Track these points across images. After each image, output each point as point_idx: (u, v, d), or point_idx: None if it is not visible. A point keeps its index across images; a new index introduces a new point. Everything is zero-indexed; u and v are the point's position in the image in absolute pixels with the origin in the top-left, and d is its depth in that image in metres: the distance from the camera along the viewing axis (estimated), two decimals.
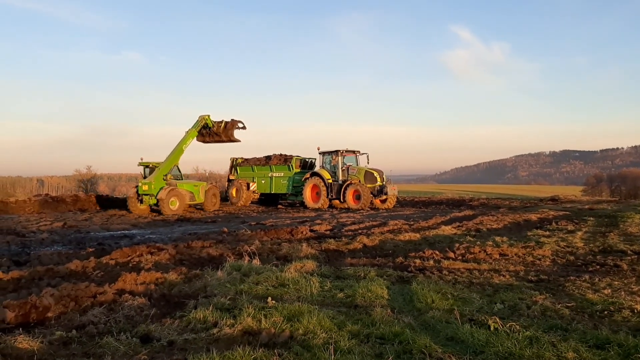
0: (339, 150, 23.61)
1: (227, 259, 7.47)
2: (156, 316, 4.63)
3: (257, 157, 27.08)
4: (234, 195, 26.20)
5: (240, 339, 3.93)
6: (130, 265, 7.42)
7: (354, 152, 24.13)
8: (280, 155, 26.14)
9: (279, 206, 25.70)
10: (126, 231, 13.53)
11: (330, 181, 23.26)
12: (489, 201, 28.45)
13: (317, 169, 24.79)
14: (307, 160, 26.14)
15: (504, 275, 6.63)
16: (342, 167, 23.42)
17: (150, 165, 21.38)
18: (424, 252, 8.51)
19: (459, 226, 12.90)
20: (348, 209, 21.97)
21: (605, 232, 11.69)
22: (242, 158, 27.61)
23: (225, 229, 12.63)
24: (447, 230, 11.94)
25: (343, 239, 10.15)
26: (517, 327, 4.08)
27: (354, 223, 14.19)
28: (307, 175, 24.13)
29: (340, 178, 23.26)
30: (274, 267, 6.62)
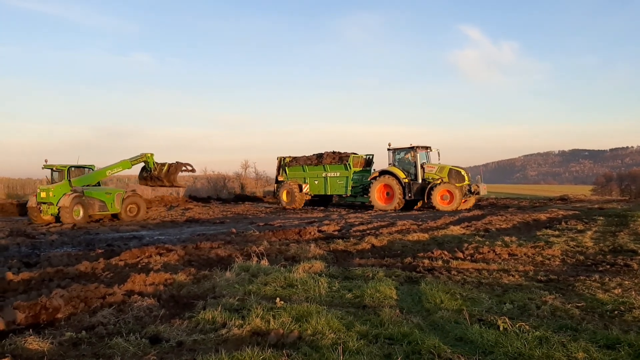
0: (415, 147, 21.45)
1: (235, 259, 7.48)
2: (165, 317, 4.65)
3: (307, 155, 25.18)
4: (285, 197, 24.54)
5: (249, 340, 3.94)
6: (139, 266, 7.45)
7: (426, 148, 22.05)
8: (334, 153, 24.30)
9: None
10: (135, 232, 13.61)
11: (406, 180, 21.28)
12: (498, 201, 28.34)
13: (385, 167, 22.47)
14: (365, 157, 24.09)
15: (513, 275, 6.58)
16: (421, 165, 21.52)
17: (55, 167, 17.76)
18: (432, 252, 8.48)
19: (467, 226, 12.85)
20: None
21: (615, 232, 11.58)
22: (290, 157, 25.78)
23: (234, 230, 12.66)
24: (456, 230, 11.90)
25: (351, 240, 10.14)
26: (527, 327, 4.06)
27: (362, 223, 14.19)
28: (375, 174, 22.08)
29: (420, 177, 21.37)
30: (282, 268, 6.62)
